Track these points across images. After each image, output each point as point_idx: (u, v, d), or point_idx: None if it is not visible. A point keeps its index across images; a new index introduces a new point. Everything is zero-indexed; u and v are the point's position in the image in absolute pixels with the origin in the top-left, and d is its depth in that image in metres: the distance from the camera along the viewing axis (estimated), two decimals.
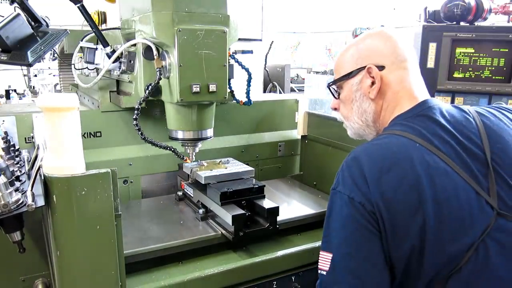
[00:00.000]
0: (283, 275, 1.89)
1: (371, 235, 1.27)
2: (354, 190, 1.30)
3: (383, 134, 1.45)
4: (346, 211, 1.30)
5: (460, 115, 1.43)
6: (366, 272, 1.28)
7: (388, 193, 1.26)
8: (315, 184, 2.68)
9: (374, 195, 1.27)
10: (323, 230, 1.38)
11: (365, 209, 1.27)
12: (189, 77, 1.84)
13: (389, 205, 1.26)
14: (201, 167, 2.21)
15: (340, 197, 1.33)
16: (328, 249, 1.33)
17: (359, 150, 1.39)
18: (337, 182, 1.37)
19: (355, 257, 1.28)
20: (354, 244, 1.29)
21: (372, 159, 1.34)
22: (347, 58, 1.56)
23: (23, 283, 2.12)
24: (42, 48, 1.76)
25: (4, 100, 6.38)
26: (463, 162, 1.32)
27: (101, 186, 1.33)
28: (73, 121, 1.28)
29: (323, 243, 1.36)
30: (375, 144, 1.41)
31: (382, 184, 1.28)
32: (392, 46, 1.50)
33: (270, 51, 4.02)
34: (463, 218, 1.26)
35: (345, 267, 1.29)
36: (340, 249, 1.30)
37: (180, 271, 1.75)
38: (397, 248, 1.27)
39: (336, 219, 1.34)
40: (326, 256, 1.32)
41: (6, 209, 1.23)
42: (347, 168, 1.36)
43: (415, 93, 1.48)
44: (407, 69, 1.50)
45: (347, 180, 1.33)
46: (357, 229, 1.28)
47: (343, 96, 1.59)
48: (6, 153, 1.72)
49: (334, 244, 1.32)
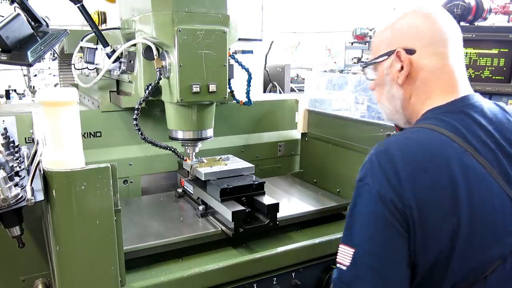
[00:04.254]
0: (283, 271, 1.90)
1: (398, 235, 1.20)
2: (385, 186, 1.21)
3: (415, 127, 1.34)
4: (374, 207, 1.22)
5: (502, 116, 1.33)
6: (389, 272, 1.21)
7: (421, 194, 1.19)
8: (315, 181, 2.69)
9: (407, 194, 1.19)
10: (346, 221, 1.30)
11: (396, 208, 1.19)
12: (189, 77, 1.84)
13: (422, 206, 1.18)
14: (201, 164, 2.22)
15: (369, 191, 1.24)
16: (350, 243, 1.26)
17: (391, 142, 1.30)
18: (364, 173, 1.28)
19: (379, 256, 1.22)
20: (379, 243, 1.22)
21: (407, 155, 1.24)
22: (381, 38, 1.44)
23: (23, 283, 2.13)
24: (42, 48, 1.78)
25: (4, 100, 6.40)
26: (501, 167, 1.24)
27: (100, 181, 1.34)
28: (72, 115, 1.30)
29: (345, 236, 1.29)
30: (408, 137, 1.30)
31: (417, 183, 1.19)
32: (430, 25, 1.35)
33: (270, 51, 4.03)
34: (496, 227, 1.20)
35: (367, 265, 1.22)
36: (364, 246, 1.23)
37: (180, 267, 1.76)
38: (424, 251, 1.21)
39: (362, 214, 1.26)
40: (347, 251, 1.25)
41: (6, 203, 1.24)
42: (377, 160, 1.26)
43: (452, 85, 1.35)
44: (445, 54, 1.35)
45: (378, 173, 1.24)
46: (385, 228, 1.20)
47: (376, 78, 1.50)
48: (5, 149, 1.73)
49: (358, 240, 1.25)
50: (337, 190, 2.51)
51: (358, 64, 8.73)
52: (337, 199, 2.34)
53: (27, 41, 1.76)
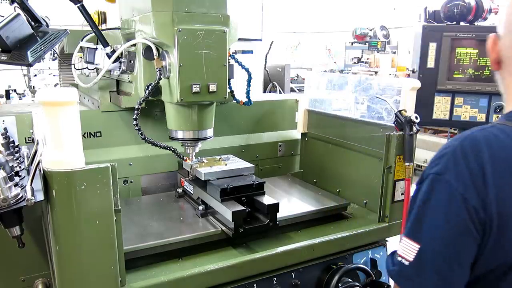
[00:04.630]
0: (283, 271, 1.90)
1: (472, 239, 1.13)
2: (470, 189, 1.11)
3: (500, 125, 1.22)
4: (455, 209, 1.13)
5: None
6: (453, 273, 1.16)
7: (505, 207, 1.10)
8: (315, 181, 2.69)
9: (492, 204, 1.09)
10: (412, 213, 1.23)
11: (477, 215, 1.10)
12: (189, 77, 1.84)
13: (502, 219, 1.10)
14: (201, 164, 2.22)
15: (450, 191, 1.14)
16: (416, 239, 1.19)
17: (479, 136, 1.18)
18: (444, 167, 1.17)
19: (446, 257, 1.15)
20: (450, 245, 1.15)
21: (497, 157, 1.13)
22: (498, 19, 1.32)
23: (23, 283, 2.14)
24: (42, 48, 1.78)
25: (4, 100, 6.40)
26: None
27: (100, 181, 1.34)
28: (72, 115, 1.30)
29: (410, 230, 1.22)
30: (496, 134, 1.18)
31: (504, 193, 1.10)
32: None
33: (270, 51, 4.03)
34: None
35: (432, 265, 1.16)
36: (432, 245, 1.17)
37: (180, 267, 1.76)
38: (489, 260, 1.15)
39: (436, 211, 1.17)
40: (412, 246, 1.19)
41: (6, 203, 1.25)
42: (462, 155, 1.14)
43: None
44: None
45: (463, 172, 1.13)
46: (460, 231, 1.13)
47: None
48: (5, 149, 1.73)
49: (427, 238, 1.18)
50: (337, 190, 2.51)
51: (358, 64, 8.73)
52: (337, 199, 2.34)
53: (27, 41, 1.76)
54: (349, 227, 2.12)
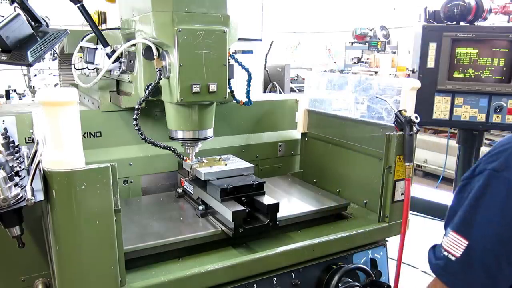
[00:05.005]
0: (283, 271, 1.90)
1: None
2: None
3: None
4: None
5: None
6: (501, 272, 1.14)
7: None
8: (315, 181, 2.69)
9: None
10: (463, 208, 1.20)
11: None
12: (189, 77, 1.84)
13: None
14: (201, 163, 2.22)
15: (508, 187, 1.12)
16: (466, 234, 1.16)
17: None
18: (503, 163, 1.15)
19: (497, 255, 1.13)
20: (503, 243, 1.13)
21: None
22: None
23: (23, 283, 2.14)
24: (42, 48, 1.78)
25: (4, 100, 6.41)
26: None
27: (100, 181, 1.34)
28: (72, 115, 1.30)
29: (459, 224, 1.20)
30: None
31: None
32: None
33: (270, 51, 4.03)
34: None
35: (482, 263, 1.14)
36: (483, 242, 1.15)
37: (180, 267, 1.76)
38: None
39: (491, 208, 1.14)
40: (460, 242, 1.17)
41: (6, 203, 1.25)
42: None
43: None
44: None
45: None
46: None
47: None
48: (5, 149, 1.73)
49: (478, 235, 1.15)
50: (337, 190, 2.51)
51: (358, 64, 8.72)
52: (337, 199, 2.34)
53: (27, 41, 1.76)
54: (349, 227, 2.12)
